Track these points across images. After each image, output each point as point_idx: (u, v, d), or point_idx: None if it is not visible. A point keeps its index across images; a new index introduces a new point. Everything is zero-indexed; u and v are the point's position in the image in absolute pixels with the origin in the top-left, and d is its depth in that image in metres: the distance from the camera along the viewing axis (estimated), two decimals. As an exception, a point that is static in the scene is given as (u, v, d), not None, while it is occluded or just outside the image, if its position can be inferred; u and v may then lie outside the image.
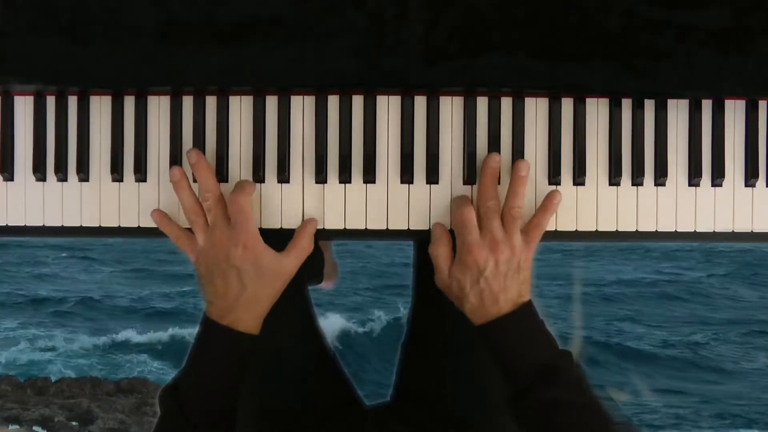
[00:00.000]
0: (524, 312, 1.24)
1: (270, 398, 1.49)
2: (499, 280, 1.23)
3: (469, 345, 1.50)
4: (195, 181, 1.30)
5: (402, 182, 1.31)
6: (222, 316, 1.24)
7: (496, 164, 1.29)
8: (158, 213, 1.31)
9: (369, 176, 1.31)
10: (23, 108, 1.33)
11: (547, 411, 1.20)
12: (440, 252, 1.27)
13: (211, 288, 1.24)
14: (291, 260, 1.27)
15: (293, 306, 1.53)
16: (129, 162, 1.32)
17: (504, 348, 1.24)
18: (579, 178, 1.31)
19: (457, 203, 1.27)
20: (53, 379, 9.37)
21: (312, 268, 1.86)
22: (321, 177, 1.31)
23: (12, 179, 1.33)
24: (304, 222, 1.30)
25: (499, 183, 1.30)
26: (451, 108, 1.32)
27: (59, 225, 1.34)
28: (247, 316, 1.24)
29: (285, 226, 1.31)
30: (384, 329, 14.56)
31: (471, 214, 1.24)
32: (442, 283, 1.28)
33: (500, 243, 1.23)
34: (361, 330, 14.85)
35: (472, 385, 1.51)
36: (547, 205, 1.29)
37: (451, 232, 1.29)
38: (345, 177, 1.31)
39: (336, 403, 1.54)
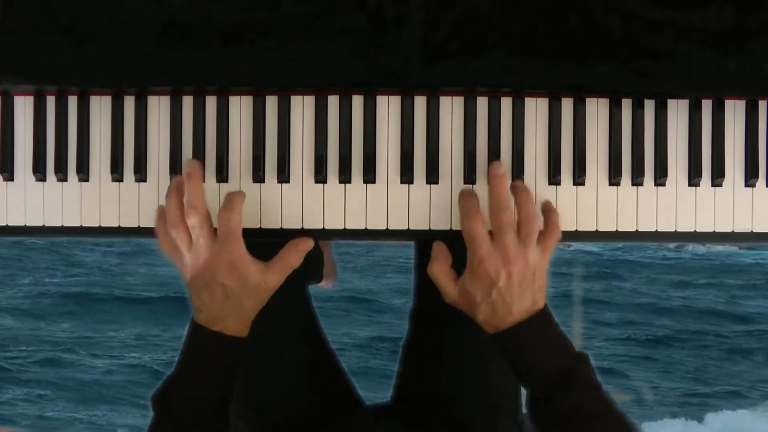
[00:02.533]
0: (539, 319, 1.22)
1: (269, 398, 1.49)
2: (513, 290, 1.20)
3: (469, 347, 1.50)
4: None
5: (402, 182, 1.31)
6: (211, 323, 1.23)
7: (502, 171, 1.26)
8: (160, 210, 1.27)
9: (369, 176, 1.31)
10: (23, 108, 1.33)
11: (567, 417, 1.19)
12: (440, 270, 1.25)
13: (198, 300, 1.24)
14: (275, 275, 1.25)
15: (293, 306, 1.53)
16: (129, 162, 1.32)
17: (519, 356, 1.23)
18: (579, 178, 1.31)
19: (464, 212, 1.24)
20: None
21: (311, 268, 1.86)
22: (321, 177, 1.31)
23: (12, 179, 1.33)
24: (298, 240, 1.27)
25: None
26: (451, 108, 1.32)
27: (59, 225, 1.34)
28: (235, 322, 1.24)
29: (285, 227, 1.31)
30: None
31: (479, 228, 1.21)
32: (451, 299, 1.26)
33: (515, 256, 1.20)
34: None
35: (471, 386, 1.51)
36: (546, 209, 1.28)
37: (450, 243, 1.28)
38: (345, 177, 1.31)
39: (336, 403, 1.54)
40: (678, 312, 14.94)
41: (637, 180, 1.32)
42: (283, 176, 1.31)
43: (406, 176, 1.31)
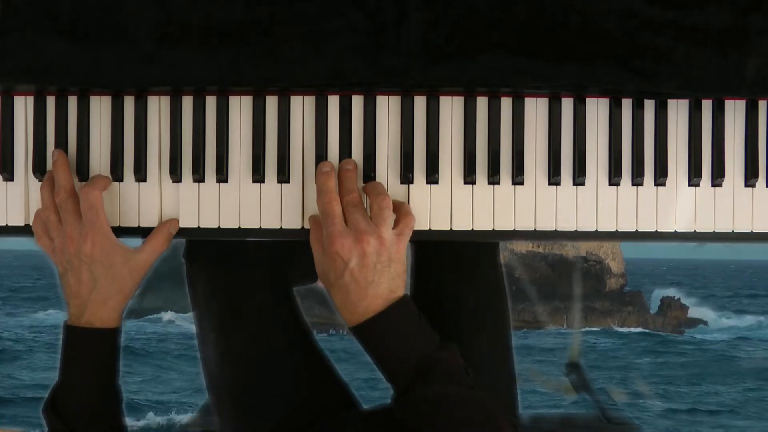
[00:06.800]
0: (398, 308, 1.21)
1: (261, 402, 1.48)
2: (367, 273, 1.19)
3: (464, 348, 1.49)
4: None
5: (402, 182, 1.31)
6: (79, 316, 1.26)
7: (352, 166, 1.27)
8: (37, 211, 1.30)
9: (369, 176, 1.31)
10: (23, 108, 1.33)
11: (429, 407, 1.18)
12: (314, 239, 1.25)
13: (67, 287, 1.27)
14: (143, 256, 1.28)
15: (279, 310, 1.51)
16: (129, 162, 1.32)
17: (380, 348, 1.21)
18: (579, 178, 1.31)
19: (321, 190, 1.24)
20: None
21: (299, 270, 1.83)
22: (321, 177, 1.31)
23: (12, 179, 1.33)
24: (164, 222, 1.30)
25: (498, 183, 1.31)
26: (451, 108, 1.32)
27: (59, 225, 1.33)
28: (102, 311, 1.26)
29: (285, 226, 1.31)
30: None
31: (333, 205, 1.22)
32: (318, 272, 1.25)
33: (366, 233, 1.19)
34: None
35: None
36: (397, 202, 1.27)
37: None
38: (345, 177, 1.31)
39: (331, 406, 1.52)
40: None
41: (637, 180, 1.32)
42: (283, 176, 1.31)
43: (406, 176, 1.31)
